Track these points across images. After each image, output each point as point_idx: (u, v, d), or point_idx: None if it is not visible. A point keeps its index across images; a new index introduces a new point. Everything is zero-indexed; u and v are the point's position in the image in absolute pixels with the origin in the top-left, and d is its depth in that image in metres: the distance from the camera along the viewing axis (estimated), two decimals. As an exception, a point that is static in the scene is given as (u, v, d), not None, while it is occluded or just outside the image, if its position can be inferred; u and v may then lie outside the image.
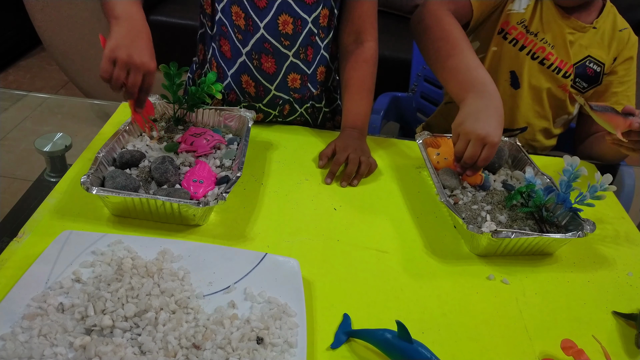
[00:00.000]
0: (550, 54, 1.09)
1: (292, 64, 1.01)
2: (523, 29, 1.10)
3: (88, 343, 0.57)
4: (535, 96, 1.14)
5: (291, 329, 0.62)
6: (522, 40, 1.11)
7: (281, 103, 1.06)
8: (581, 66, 1.09)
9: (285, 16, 0.95)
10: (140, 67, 0.77)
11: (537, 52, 1.10)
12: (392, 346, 0.61)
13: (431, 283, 0.75)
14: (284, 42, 0.98)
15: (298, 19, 0.96)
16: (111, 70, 0.76)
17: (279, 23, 0.96)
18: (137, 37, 0.79)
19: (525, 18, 1.10)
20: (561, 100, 1.14)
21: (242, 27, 0.96)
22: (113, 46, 0.76)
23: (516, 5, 1.11)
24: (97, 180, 0.78)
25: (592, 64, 1.09)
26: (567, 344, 0.64)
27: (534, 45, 1.10)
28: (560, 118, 1.17)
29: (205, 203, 0.74)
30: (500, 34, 1.13)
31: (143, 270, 0.66)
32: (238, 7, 0.95)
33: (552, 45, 1.09)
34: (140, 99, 0.82)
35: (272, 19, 0.95)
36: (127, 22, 0.79)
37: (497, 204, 0.87)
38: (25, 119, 1.87)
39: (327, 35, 1.03)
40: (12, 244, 0.72)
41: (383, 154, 1.03)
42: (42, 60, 2.84)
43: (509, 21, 1.11)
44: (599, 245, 0.86)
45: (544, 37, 1.09)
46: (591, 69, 1.09)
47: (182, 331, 0.60)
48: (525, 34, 1.10)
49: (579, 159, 0.82)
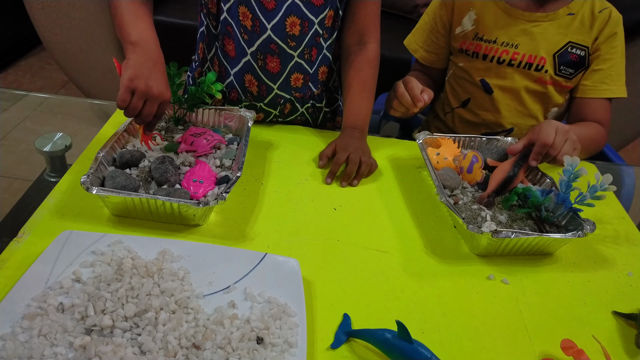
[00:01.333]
0: (515, 53, 1.10)
1: (297, 64, 1.02)
2: (479, 41, 1.12)
3: (88, 343, 0.57)
4: (514, 97, 1.14)
5: (291, 329, 0.62)
6: (482, 51, 1.12)
7: (282, 102, 1.06)
8: (563, 53, 1.09)
9: (293, 18, 0.96)
10: (158, 98, 0.79)
11: (502, 56, 1.11)
12: (392, 346, 0.61)
13: (431, 283, 0.75)
14: (290, 43, 0.98)
15: (305, 21, 0.97)
16: (129, 100, 0.77)
17: (286, 24, 0.96)
18: (154, 67, 0.80)
19: (478, 31, 1.13)
20: (542, 93, 1.13)
21: (248, 28, 0.97)
22: (132, 76, 0.76)
23: (462, 27, 1.14)
24: (97, 180, 0.78)
25: (575, 49, 1.08)
26: (567, 344, 0.64)
27: (495, 51, 1.11)
28: (551, 112, 1.17)
29: (205, 203, 0.74)
30: (462, 53, 1.16)
31: (143, 270, 0.66)
32: (246, 8, 0.95)
33: (516, 45, 1.10)
34: (152, 124, 0.83)
35: (280, 20, 0.95)
36: (144, 49, 0.80)
37: (497, 204, 0.87)
38: (25, 119, 1.87)
39: (330, 35, 1.03)
40: (12, 244, 0.72)
41: (383, 154, 1.03)
42: (42, 60, 2.84)
43: (465, 40, 1.14)
44: (599, 245, 0.86)
45: (504, 40, 1.10)
46: (574, 54, 1.08)
47: (182, 331, 0.60)
48: (482, 44, 1.12)
49: (579, 159, 0.82)
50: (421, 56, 1.22)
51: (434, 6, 1.18)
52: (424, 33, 1.20)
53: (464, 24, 1.14)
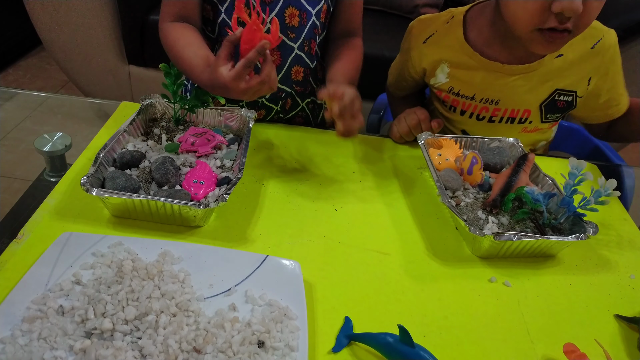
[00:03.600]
0: (496, 110, 1.02)
1: (297, 56, 1.02)
2: (455, 96, 1.04)
3: (88, 346, 0.57)
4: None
5: (292, 332, 0.62)
6: (459, 106, 1.05)
7: (284, 97, 1.07)
8: (550, 102, 1.01)
9: (292, 9, 0.96)
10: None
11: (481, 113, 1.04)
12: (394, 350, 0.60)
13: (433, 285, 0.75)
14: (290, 35, 0.99)
15: (304, 12, 0.97)
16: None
17: (285, 16, 0.96)
18: None
19: (453, 86, 1.04)
20: (530, 136, 1.08)
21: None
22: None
23: (436, 79, 1.06)
24: (97, 181, 0.77)
25: (562, 95, 1.00)
26: (569, 347, 0.63)
27: (474, 107, 1.03)
28: (540, 145, 1.13)
29: (206, 204, 0.74)
30: (438, 101, 1.10)
31: (143, 272, 0.66)
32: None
33: (496, 101, 1.01)
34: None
35: (279, 12, 0.96)
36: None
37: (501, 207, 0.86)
38: (25, 118, 1.86)
39: (322, 32, 1.04)
40: (12, 245, 0.72)
41: (383, 154, 1.03)
42: (42, 60, 2.84)
43: (440, 91, 1.07)
44: (601, 247, 0.86)
45: (483, 97, 1.02)
46: (562, 102, 1.01)
47: (182, 334, 0.59)
48: (459, 100, 1.04)
49: (585, 163, 0.81)
50: (393, 92, 1.19)
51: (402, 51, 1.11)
52: (395, 72, 1.16)
53: (438, 76, 1.05)
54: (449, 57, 1.03)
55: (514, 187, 0.85)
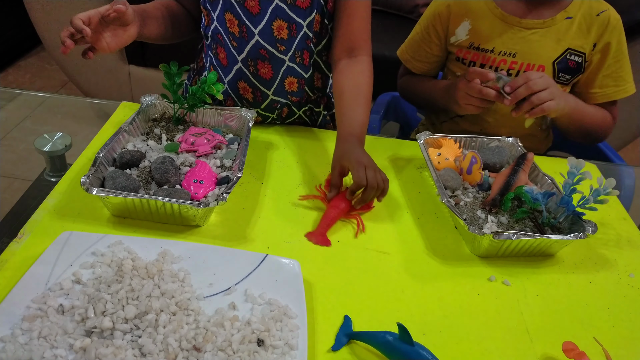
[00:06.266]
0: (513, 62, 1.09)
1: (289, 68, 1.00)
2: (475, 50, 1.11)
3: (88, 345, 0.57)
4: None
5: (292, 330, 0.62)
6: (479, 60, 1.11)
7: (279, 107, 1.06)
8: (562, 61, 1.08)
9: (280, 21, 0.94)
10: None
11: (499, 65, 1.10)
12: (393, 348, 0.60)
13: (432, 284, 0.75)
14: (280, 48, 0.97)
15: (293, 24, 0.95)
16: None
17: (273, 29, 0.95)
18: None
19: (473, 41, 1.11)
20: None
21: (236, 34, 0.96)
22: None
23: (456, 36, 1.12)
24: (97, 181, 0.77)
25: (573, 55, 1.07)
26: (568, 346, 0.63)
27: (492, 60, 1.10)
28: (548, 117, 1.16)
29: (206, 204, 0.74)
30: (458, 61, 1.15)
31: (143, 271, 0.66)
32: (231, 14, 0.94)
33: (514, 53, 1.08)
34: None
35: (267, 24, 0.94)
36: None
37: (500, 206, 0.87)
38: (25, 118, 1.86)
39: (319, 41, 1.01)
40: (12, 245, 0.72)
41: (383, 154, 1.03)
42: (42, 60, 2.84)
43: (460, 49, 1.13)
44: (601, 246, 0.86)
45: (502, 50, 1.09)
46: (573, 61, 1.07)
47: (182, 333, 0.59)
48: (479, 53, 1.11)
49: (584, 162, 0.81)
50: (413, 66, 1.21)
51: (426, 16, 1.16)
52: (415, 44, 1.19)
53: (458, 33, 1.12)
54: (473, 9, 1.10)
55: (513, 187, 0.85)
